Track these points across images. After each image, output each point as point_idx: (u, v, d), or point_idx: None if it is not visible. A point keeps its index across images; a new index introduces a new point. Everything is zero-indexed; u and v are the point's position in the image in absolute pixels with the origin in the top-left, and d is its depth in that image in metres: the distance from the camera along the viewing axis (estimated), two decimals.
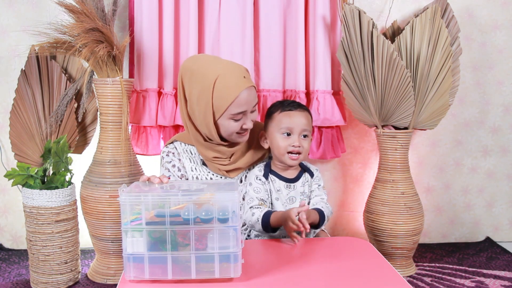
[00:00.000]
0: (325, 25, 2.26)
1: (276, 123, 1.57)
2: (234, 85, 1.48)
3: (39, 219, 1.95)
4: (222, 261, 1.11)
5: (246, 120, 1.54)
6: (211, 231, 1.10)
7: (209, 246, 1.11)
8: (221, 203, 1.10)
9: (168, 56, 2.24)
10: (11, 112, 2.16)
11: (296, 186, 1.59)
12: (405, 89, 2.05)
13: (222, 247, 1.10)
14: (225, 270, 1.12)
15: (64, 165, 2.00)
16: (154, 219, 1.11)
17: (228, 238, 1.10)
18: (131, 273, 1.13)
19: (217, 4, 2.26)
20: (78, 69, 2.24)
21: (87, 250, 2.41)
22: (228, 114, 1.50)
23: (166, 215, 1.10)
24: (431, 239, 2.63)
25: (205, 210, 1.09)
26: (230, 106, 1.49)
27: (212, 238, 1.10)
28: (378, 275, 1.20)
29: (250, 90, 1.51)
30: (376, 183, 2.24)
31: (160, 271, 1.12)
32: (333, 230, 2.60)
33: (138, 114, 2.26)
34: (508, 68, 2.52)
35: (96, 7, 2.01)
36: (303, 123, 1.55)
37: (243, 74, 1.52)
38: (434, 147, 2.56)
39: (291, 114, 1.56)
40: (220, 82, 1.48)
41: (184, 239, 1.10)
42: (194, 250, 1.10)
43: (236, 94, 1.48)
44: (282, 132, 1.55)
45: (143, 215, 1.10)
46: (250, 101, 1.52)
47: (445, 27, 2.03)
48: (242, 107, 1.50)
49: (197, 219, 1.10)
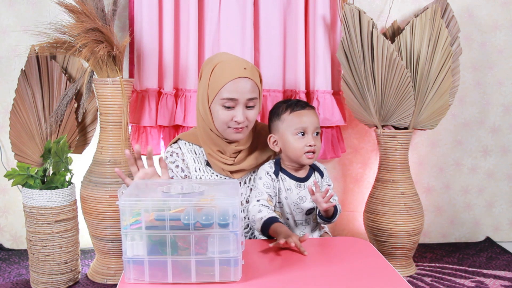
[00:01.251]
0: (325, 25, 2.26)
1: (288, 124, 1.55)
2: (230, 71, 1.52)
3: (39, 219, 1.95)
4: (223, 265, 1.11)
5: (237, 112, 1.53)
6: (211, 236, 1.09)
7: (210, 250, 1.10)
8: (221, 208, 1.09)
9: (168, 56, 2.24)
10: (11, 112, 2.16)
11: (306, 185, 1.59)
12: (405, 89, 2.05)
13: (223, 251, 1.10)
14: (225, 274, 1.12)
15: (64, 165, 2.00)
16: (154, 222, 1.10)
17: (228, 242, 1.10)
18: (131, 275, 1.12)
19: (217, 4, 2.26)
20: (78, 69, 2.24)
21: (87, 250, 2.41)
22: (219, 98, 1.52)
23: (166, 219, 1.08)
24: (431, 239, 2.63)
25: (205, 215, 1.08)
26: (221, 89, 1.51)
27: (213, 243, 1.10)
28: (378, 275, 1.20)
29: (246, 81, 1.52)
30: (376, 183, 2.24)
31: (160, 274, 1.11)
32: (333, 230, 2.60)
33: (138, 114, 2.26)
34: (508, 68, 2.53)
35: (96, 7, 2.01)
36: (315, 121, 1.55)
37: (244, 66, 1.54)
38: (434, 147, 2.56)
39: (302, 114, 1.54)
40: (219, 66, 1.54)
41: (184, 243, 1.09)
42: (194, 254, 1.10)
43: (229, 78, 1.51)
44: (296, 132, 1.53)
45: (142, 218, 1.09)
46: (244, 92, 1.52)
47: (445, 27, 2.03)
48: (232, 94, 1.51)
49: (197, 223, 1.09)
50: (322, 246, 1.41)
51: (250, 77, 1.53)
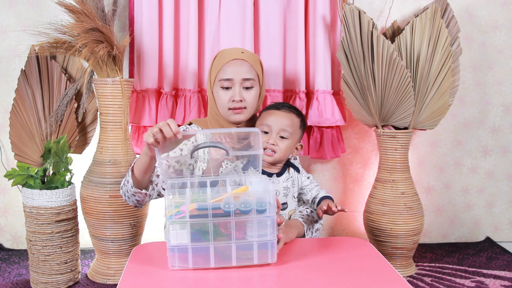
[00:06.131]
0: (325, 25, 2.26)
1: (260, 119, 1.60)
2: (228, 55, 1.64)
3: (39, 219, 1.95)
4: (261, 248, 1.19)
5: (234, 92, 1.60)
6: (250, 221, 1.18)
7: (248, 234, 1.19)
8: (258, 195, 1.18)
9: (168, 56, 2.24)
10: (11, 112, 2.16)
11: (279, 180, 1.60)
12: (405, 89, 2.05)
13: (260, 235, 1.18)
14: (263, 257, 1.20)
15: (64, 165, 2.00)
16: (196, 212, 1.17)
17: (266, 226, 1.18)
18: (176, 263, 1.19)
19: (217, 4, 2.26)
20: (78, 69, 2.24)
21: (87, 250, 2.41)
22: (217, 80, 1.62)
23: (209, 208, 1.16)
24: (431, 239, 2.63)
25: (243, 202, 1.17)
26: (219, 72, 1.62)
27: (251, 228, 1.18)
28: (378, 275, 1.20)
29: (242, 62, 1.61)
30: (376, 183, 2.24)
31: (202, 259, 1.19)
32: (333, 230, 2.60)
33: (138, 114, 2.26)
34: (508, 68, 2.53)
35: (96, 7, 2.01)
36: (283, 123, 1.55)
37: (242, 51, 1.65)
38: (434, 147, 2.56)
39: (271, 113, 1.58)
40: (220, 54, 1.68)
41: (226, 229, 1.18)
42: (234, 239, 1.18)
43: (226, 60, 1.61)
44: (261, 129, 1.56)
45: (186, 208, 1.16)
46: (239, 72, 1.60)
47: (445, 27, 2.03)
48: (228, 74, 1.60)
49: (236, 210, 1.17)
50: (322, 246, 1.41)
51: (246, 60, 1.62)
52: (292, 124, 1.57)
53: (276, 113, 1.57)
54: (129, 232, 2.07)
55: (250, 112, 1.64)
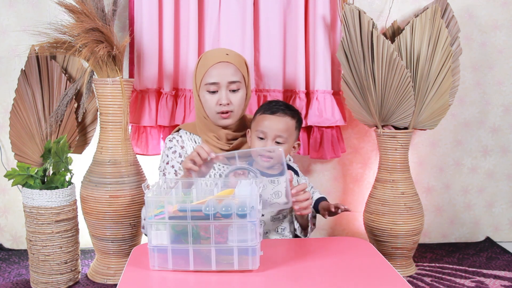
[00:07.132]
0: (325, 25, 2.26)
1: (255, 124, 1.57)
2: (212, 57, 1.62)
3: (39, 219, 1.95)
4: (241, 254, 1.17)
5: (221, 96, 1.59)
6: (231, 225, 1.16)
7: (229, 239, 1.17)
8: (240, 199, 1.17)
9: (168, 56, 2.24)
10: (11, 112, 2.16)
11: (280, 181, 1.59)
12: (405, 89, 2.05)
13: (241, 241, 1.16)
14: (243, 263, 1.18)
15: (64, 165, 2.00)
16: (177, 213, 1.17)
17: (246, 232, 1.16)
18: (155, 263, 1.19)
19: (217, 4, 2.26)
20: (78, 69, 2.24)
21: (87, 250, 2.41)
22: (203, 84, 1.61)
23: (188, 210, 1.15)
24: (431, 239, 2.63)
25: (225, 206, 1.16)
26: (205, 75, 1.60)
27: (232, 232, 1.16)
28: (378, 275, 1.20)
29: (227, 65, 1.60)
30: (376, 183, 2.24)
31: (182, 261, 1.18)
32: (333, 230, 2.60)
33: (138, 114, 2.26)
34: (508, 68, 2.53)
35: (96, 7, 2.01)
36: (279, 129, 1.53)
37: (226, 52, 1.63)
38: (434, 147, 2.56)
39: (267, 118, 1.54)
40: (204, 56, 1.66)
41: (206, 233, 1.17)
42: (214, 243, 1.17)
43: (211, 64, 1.60)
44: (257, 135, 1.55)
45: (166, 210, 1.16)
46: (225, 74, 1.59)
47: (445, 27, 2.03)
48: (214, 78, 1.59)
49: (217, 214, 1.16)
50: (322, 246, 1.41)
51: (231, 62, 1.61)
52: (287, 129, 1.55)
53: (270, 118, 1.54)
54: (129, 232, 2.07)
55: (238, 115, 1.64)
